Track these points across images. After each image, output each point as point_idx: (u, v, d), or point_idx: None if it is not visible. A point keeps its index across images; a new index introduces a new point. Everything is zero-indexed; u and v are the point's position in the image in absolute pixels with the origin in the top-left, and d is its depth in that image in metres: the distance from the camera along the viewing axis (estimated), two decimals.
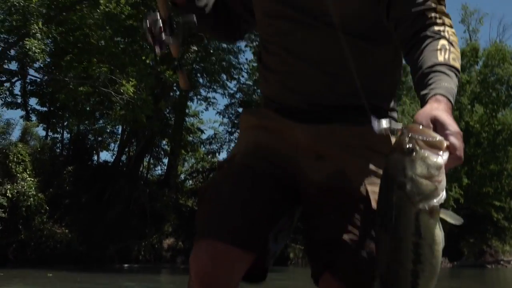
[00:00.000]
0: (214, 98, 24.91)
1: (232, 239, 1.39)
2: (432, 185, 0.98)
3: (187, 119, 24.00)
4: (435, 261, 1.02)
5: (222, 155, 27.71)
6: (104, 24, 15.21)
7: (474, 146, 34.21)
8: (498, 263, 44.84)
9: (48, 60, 16.11)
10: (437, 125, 1.08)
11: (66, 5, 12.60)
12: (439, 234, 1.02)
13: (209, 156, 27.46)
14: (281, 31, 1.55)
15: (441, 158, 1.00)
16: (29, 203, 17.39)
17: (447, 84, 1.23)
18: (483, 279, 22.45)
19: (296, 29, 1.51)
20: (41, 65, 14.00)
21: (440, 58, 1.27)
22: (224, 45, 19.86)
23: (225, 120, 26.62)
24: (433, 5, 1.36)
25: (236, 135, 26.65)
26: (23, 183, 17.36)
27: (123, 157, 23.30)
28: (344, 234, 1.41)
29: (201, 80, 22.17)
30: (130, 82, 12.03)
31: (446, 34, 1.32)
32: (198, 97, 23.36)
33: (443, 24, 1.34)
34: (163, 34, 1.53)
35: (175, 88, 16.29)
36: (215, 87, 22.11)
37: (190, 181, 26.91)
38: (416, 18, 1.35)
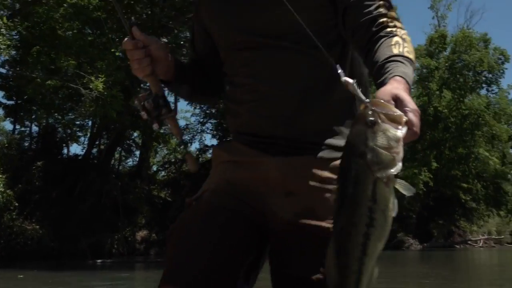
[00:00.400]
0: None
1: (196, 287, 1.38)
2: (391, 156, 1.05)
3: None
4: (386, 226, 1.09)
5: (194, 146, 27.65)
6: (72, 16, 14.88)
7: (443, 131, 34.90)
8: (466, 243, 46.12)
9: (14, 52, 15.70)
10: (397, 102, 1.12)
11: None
12: (393, 201, 1.09)
13: (181, 147, 27.33)
14: (247, 61, 1.55)
15: (400, 132, 1.07)
16: None
17: (404, 69, 1.28)
18: (453, 261, 23.02)
19: (261, 55, 1.53)
20: (8, 58, 13.60)
21: (395, 51, 1.32)
22: None
23: (197, 110, 26.50)
24: (384, 11, 1.43)
25: (208, 125, 26.56)
26: None
27: (94, 150, 23.00)
28: (311, 273, 1.41)
29: None
30: (99, 78, 11.81)
31: (398, 33, 1.38)
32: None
33: (395, 26, 1.40)
34: (159, 110, 1.53)
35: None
36: None
37: (163, 172, 26.78)
38: (369, 25, 1.42)
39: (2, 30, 11.96)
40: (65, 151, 25.47)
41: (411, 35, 1.43)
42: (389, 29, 1.39)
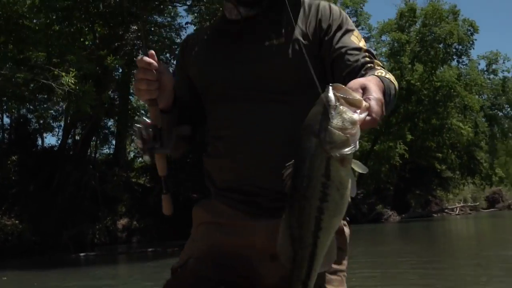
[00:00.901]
0: None
1: None
2: (344, 137, 1.07)
3: (132, 98, 23.50)
4: (341, 202, 1.12)
5: None
6: (38, 7, 14.55)
7: (416, 104, 35.29)
8: (443, 211, 47.11)
9: None
10: (364, 91, 1.15)
11: None
12: (348, 180, 1.12)
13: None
14: (231, 113, 1.58)
15: (357, 115, 1.09)
16: None
17: (382, 76, 1.36)
18: (430, 233, 23.52)
19: (245, 107, 1.55)
20: None
21: (378, 74, 1.39)
22: (165, 23, 19.49)
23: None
24: (370, 59, 1.51)
25: None
26: None
27: (69, 141, 22.72)
28: None
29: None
30: (71, 73, 11.63)
31: (383, 71, 1.45)
32: None
33: (382, 68, 1.49)
34: (155, 143, 1.51)
35: (118, 69, 15.92)
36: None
37: (140, 159, 26.60)
38: (358, 70, 1.49)
39: None
40: (39, 142, 25.18)
41: (381, 8, 1.48)
42: (376, 69, 1.46)
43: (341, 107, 1.09)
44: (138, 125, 1.50)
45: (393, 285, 7.59)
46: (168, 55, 20.48)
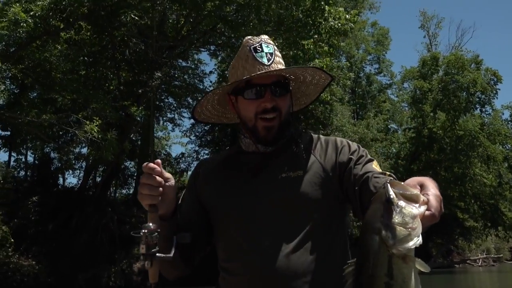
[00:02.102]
0: (180, 119, 24.74)
1: None
2: (406, 231, 1.09)
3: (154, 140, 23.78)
4: None
5: (190, 173, 27.58)
6: (66, 51, 14.96)
7: (438, 152, 34.95)
8: (465, 262, 46.00)
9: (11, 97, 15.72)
10: (422, 187, 1.20)
11: (24, 41, 12.30)
12: (411, 278, 1.12)
13: (177, 176, 27.30)
14: (245, 246, 1.61)
15: (416, 209, 1.11)
16: None
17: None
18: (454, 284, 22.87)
19: (260, 241, 1.59)
20: (3, 103, 13.65)
21: None
22: (189, 70, 19.90)
23: (193, 137, 26.54)
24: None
25: (203, 153, 26.56)
26: None
27: (89, 181, 22.93)
28: None
29: (166, 101, 22.13)
30: (94, 122, 11.86)
31: None
32: (164, 118, 23.33)
33: None
34: (156, 249, 1.50)
35: (139, 119, 16.17)
36: (180, 109, 22.07)
37: None
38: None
39: None
40: (60, 181, 25.47)
41: (404, 54, 1.45)
42: None
43: (400, 202, 1.11)
44: (144, 231, 1.49)
45: None
46: (190, 99, 20.84)
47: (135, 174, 24.86)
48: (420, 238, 1.12)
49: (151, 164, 1.53)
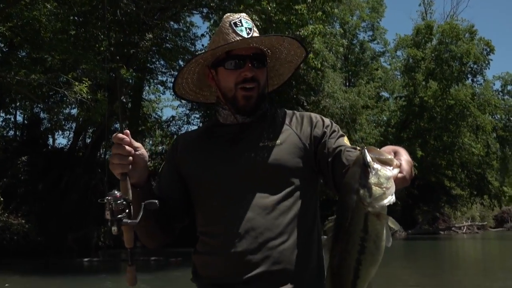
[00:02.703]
0: (171, 81, 24.47)
1: None
2: (381, 191, 1.21)
3: (143, 103, 23.65)
4: (377, 253, 1.24)
5: None
6: (56, 10, 14.68)
7: (428, 121, 35.13)
8: (450, 229, 46.78)
9: None
10: (395, 154, 1.31)
11: None
12: (384, 233, 1.23)
13: (168, 139, 27.29)
14: (222, 212, 1.69)
15: (390, 171, 1.23)
16: None
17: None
18: (437, 253, 23.33)
19: (238, 207, 1.67)
20: None
21: None
22: (181, 33, 19.66)
23: (184, 101, 26.35)
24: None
25: (194, 116, 26.51)
26: None
27: (79, 143, 22.88)
28: None
29: (157, 63, 21.92)
30: (84, 83, 11.74)
31: None
32: (155, 81, 23.13)
33: None
34: (123, 215, 1.54)
35: (130, 80, 16.06)
36: (171, 72, 21.84)
37: (149, 163, 26.73)
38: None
39: None
40: (50, 141, 25.39)
41: (398, 22, 1.52)
42: None
43: (375, 165, 1.23)
44: (108, 198, 1.54)
45: None
46: (181, 62, 20.62)
47: None
48: (394, 197, 1.21)
49: (120, 135, 1.57)
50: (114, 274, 12.49)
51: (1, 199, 17.95)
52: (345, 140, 1.75)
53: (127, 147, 1.56)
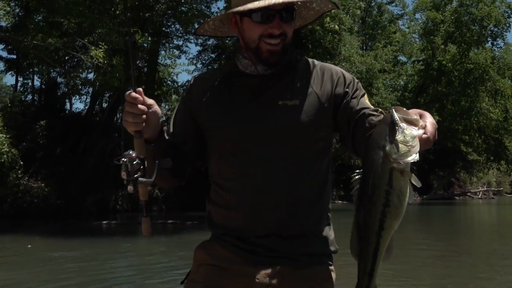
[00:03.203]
0: (186, 46, 24.38)
1: None
2: (406, 148, 1.27)
3: (159, 68, 23.59)
4: (401, 207, 1.32)
5: None
6: None
7: (446, 85, 34.64)
8: (466, 194, 46.74)
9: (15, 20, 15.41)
10: (421, 116, 1.36)
11: None
12: (407, 188, 1.31)
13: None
14: (242, 169, 1.69)
15: (416, 131, 1.30)
16: (2, 160, 17.24)
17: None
18: (451, 219, 23.37)
19: (257, 165, 1.67)
20: (8, 25, 13.42)
21: None
22: None
23: (199, 65, 26.31)
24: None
25: None
26: None
27: (96, 107, 23.04)
28: None
29: (172, 27, 21.75)
30: (100, 48, 11.73)
31: None
32: (171, 45, 23.03)
33: None
34: (138, 174, 1.57)
35: (145, 45, 15.99)
36: (187, 36, 21.70)
37: (165, 127, 26.88)
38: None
39: None
40: (67, 106, 25.61)
41: None
42: None
43: (402, 124, 1.29)
44: (123, 159, 1.58)
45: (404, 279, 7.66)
46: (196, 25, 20.44)
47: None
48: (418, 155, 1.27)
49: (133, 94, 1.55)
50: (132, 236, 12.77)
51: (21, 162, 18.28)
52: (366, 100, 1.73)
53: (140, 105, 1.55)
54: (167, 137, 1.74)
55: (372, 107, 1.70)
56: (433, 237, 13.96)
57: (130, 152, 1.59)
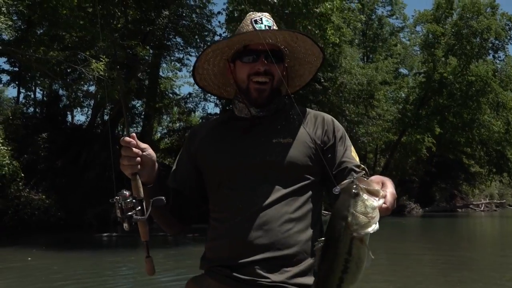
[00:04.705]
0: (188, 58, 24.49)
1: None
2: (367, 219, 1.33)
3: (160, 80, 23.68)
4: (358, 273, 1.37)
5: (198, 114, 27.68)
6: None
7: (447, 97, 34.68)
8: (468, 206, 46.54)
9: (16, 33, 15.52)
10: (382, 185, 1.44)
11: None
12: (365, 255, 1.36)
13: (185, 116, 27.36)
14: (234, 200, 1.78)
15: (377, 202, 1.36)
16: (3, 172, 17.25)
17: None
18: (454, 231, 23.26)
19: (249, 196, 1.76)
20: (10, 39, 13.51)
21: None
22: (197, 9, 19.51)
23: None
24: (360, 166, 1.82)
25: (209, 94, 26.51)
26: None
27: (97, 119, 23.08)
28: None
29: (173, 40, 21.86)
30: (101, 60, 11.80)
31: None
32: (172, 58, 23.14)
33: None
34: (133, 212, 1.66)
35: (146, 57, 16.07)
36: (188, 49, 21.81)
37: (166, 140, 26.94)
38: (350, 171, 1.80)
39: (3, 8, 11.86)
40: (69, 118, 25.67)
41: None
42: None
43: (364, 195, 1.34)
44: (117, 197, 1.68)
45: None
46: (197, 38, 20.61)
47: (143, 113, 24.96)
48: (377, 225, 1.33)
49: (127, 138, 1.68)
50: (132, 249, 12.73)
51: (22, 174, 18.26)
52: (353, 153, 1.87)
53: (134, 149, 1.67)
54: (170, 185, 1.87)
55: (356, 161, 1.85)
56: (435, 250, 13.90)
57: (124, 191, 1.68)
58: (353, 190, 1.35)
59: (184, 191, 1.88)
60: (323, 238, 1.41)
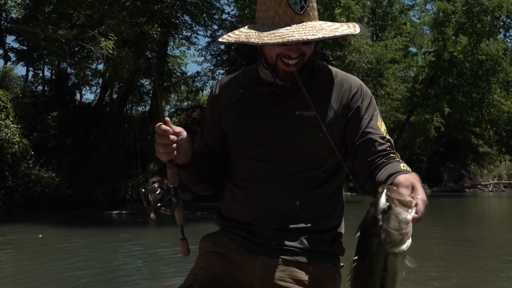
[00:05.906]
0: (195, 37, 24.34)
1: None
2: (400, 236, 1.25)
3: (168, 59, 23.61)
4: (393, 286, 1.32)
5: (206, 92, 27.62)
6: None
7: (457, 77, 34.31)
8: (476, 187, 46.44)
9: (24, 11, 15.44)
10: (413, 190, 1.34)
11: None
12: (398, 268, 1.30)
13: (193, 94, 27.32)
14: (254, 171, 1.79)
15: (410, 215, 1.26)
16: (14, 150, 17.43)
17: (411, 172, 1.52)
18: (461, 211, 23.26)
19: (269, 169, 1.76)
20: (18, 16, 13.46)
21: (403, 167, 1.58)
22: None
23: (208, 57, 26.30)
24: (391, 150, 1.72)
25: (219, 72, 26.46)
26: (6, 130, 17.29)
27: (106, 97, 23.11)
28: None
29: (181, 19, 21.72)
30: (110, 40, 11.76)
31: (403, 163, 1.62)
32: (180, 36, 23.02)
33: (399, 159, 1.67)
34: (159, 204, 1.74)
35: (155, 35, 15.95)
36: (196, 27, 21.68)
37: (174, 118, 26.96)
38: (382, 158, 1.69)
39: None
40: (78, 97, 25.72)
41: None
42: (400, 162, 1.63)
43: (396, 209, 1.25)
44: (143, 189, 1.74)
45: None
46: (206, 16, 20.48)
47: (151, 91, 24.97)
48: (410, 239, 1.26)
49: (163, 126, 1.66)
50: (142, 226, 12.86)
51: (32, 152, 18.42)
52: (379, 123, 1.77)
53: (170, 136, 1.66)
54: (198, 147, 1.88)
55: (381, 131, 1.75)
56: (442, 228, 13.92)
57: (155, 185, 1.75)
58: (385, 203, 1.26)
59: (214, 155, 1.88)
60: (354, 258, 1.35)
